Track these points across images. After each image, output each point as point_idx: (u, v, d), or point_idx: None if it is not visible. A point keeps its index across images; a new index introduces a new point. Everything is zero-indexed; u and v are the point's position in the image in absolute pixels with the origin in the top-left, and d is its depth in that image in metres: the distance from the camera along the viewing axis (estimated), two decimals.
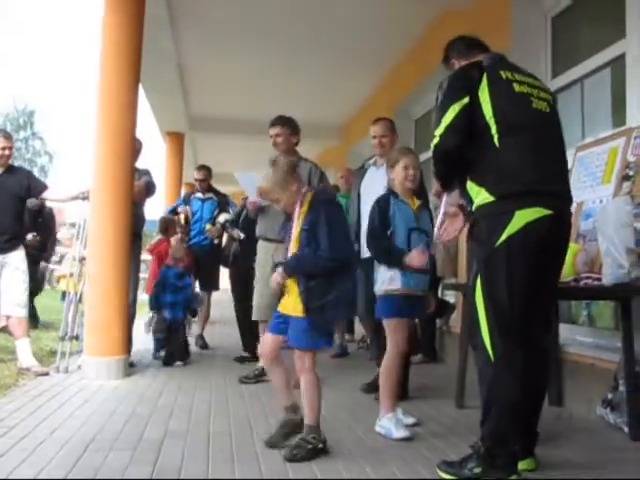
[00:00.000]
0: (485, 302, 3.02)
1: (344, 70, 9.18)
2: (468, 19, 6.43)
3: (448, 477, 3.01)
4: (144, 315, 8.39)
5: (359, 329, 8.14)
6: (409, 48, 8.19)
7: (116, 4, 5.62)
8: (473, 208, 3.12)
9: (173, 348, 6.24)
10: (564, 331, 4.75)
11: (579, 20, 5.42)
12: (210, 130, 12.43)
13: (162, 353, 6.43)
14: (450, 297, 7.06)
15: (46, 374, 5.42)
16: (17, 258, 5.66)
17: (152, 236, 8.30)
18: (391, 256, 3.93)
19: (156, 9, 6.42)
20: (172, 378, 5.50)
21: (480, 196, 3.06)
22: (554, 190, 3.06)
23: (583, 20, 5.45)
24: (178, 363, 6.12)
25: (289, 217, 3.69)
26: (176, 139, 12.78)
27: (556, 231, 3.05)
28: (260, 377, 5.39)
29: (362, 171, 5.31)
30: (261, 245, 5.57)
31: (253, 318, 5.56)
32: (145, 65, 6.00)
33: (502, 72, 3.12)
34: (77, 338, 5.80)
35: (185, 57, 8.77)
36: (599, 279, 3.88)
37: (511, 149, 3.01)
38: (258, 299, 5.49)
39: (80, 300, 5.90)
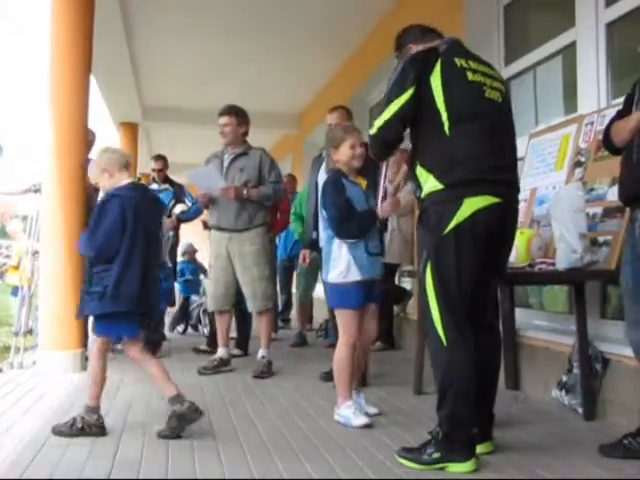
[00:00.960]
0: (435, 288, 3.07)
1: (299, 58, 9.14)
2: (421, 8, 6.44)
3: (407, 463, 3.04)
4: None
5: (318, 317, 8.18)
6: (364, 37, 8.18)
7: None
8: (422, 195, 3.15)
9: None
10: (520, 315, 4.82)
11: (531, 8, 5.50)
12: (164, 120, 12.28)
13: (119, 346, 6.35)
14: (407, 284, 7.11)
15: None
16: None
17: None
18: (367, 222, 3.85)
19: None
20: (130, 371, 5.42)
21: (429, 183, 3.09)
22: (503, 179, 3.12)
23: (535, 8, 5.52)
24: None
25: None
26: (130, 129, 12.60)
27: (504, 219, 3.12)
28: (219, 367, 5.39)
29: (320, 160, 5.29)
30: (214, 235, 5.56)
31: (209, 309, 5.60)
32: (97, 56, 5.91)
33: (457, 59, 3.13)
34: (31, 332, 5.72)
35: (137, 46, 8.65)
36: (553, 264, 3.95)
37: (461, 137, 3.04)
38: (213, 289, 5.53)
39: (33, 295, 5.80)
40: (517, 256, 4.11)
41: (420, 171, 3.15)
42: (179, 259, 8.27)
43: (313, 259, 5.56)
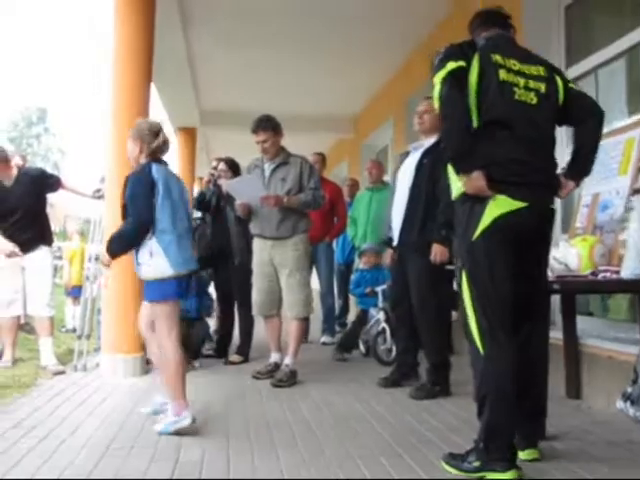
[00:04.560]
0: (471, 295, 3.05)
1: (355, 62, 9.12)
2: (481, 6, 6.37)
3: (449, 469, 3.05)
4: None
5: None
6: (420, 40, 8.11)
7: (127, 1, 5.61)
8: (452, 199, 3.16)
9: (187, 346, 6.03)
10: (581, 323, 4.72)
11: (593, 9, 5.37)
12: (221, 124, 12.37)
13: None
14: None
15: (62, 373, 5.46)
16: (38, 258, 5.74)
17: None
18: None
19: (167, 5, 6.38)
20: (188, 376, 5.49)
21: (457, 184, 3.08)
22: (533, 182, 3.05)
23: (597, 9, 5.39)
24: (195, 364, 5.89)
25: None
26: (188, 134, 12.77)
27: (532, 222, 3.07)
28: (273, 372, 5.38)
29: (405, 154, 5.17)
30: (257, 243, 5.55)
31: (256, 314, 5.64)
32: (156, 61, 5.99)
33: (493, 55, 3.06)
34: (89, 337, 5.86)
35: (196, 52, 8.74)
36: (617, 272, 3.86)
37: (486, 140, 2.99)
38: (257, 296, 5.53)
39: (96, 298, 5.93)
40: (579, 263, 4.03)
41: (451, 174, 3.15)
42: None
43: None
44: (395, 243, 4.96)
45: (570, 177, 3.24)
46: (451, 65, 2.98)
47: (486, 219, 2.96)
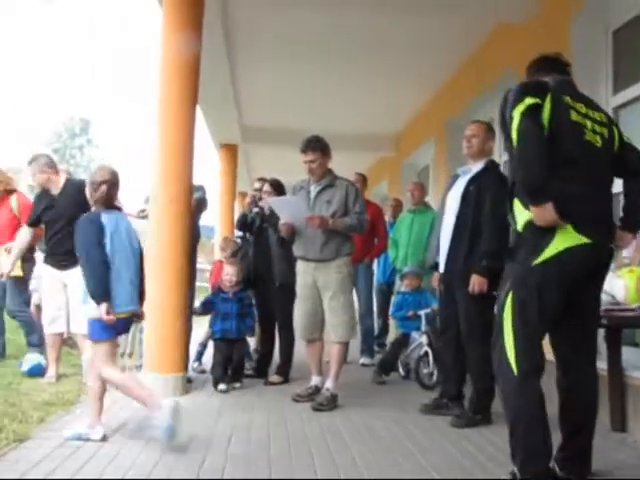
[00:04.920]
0: (513, 317, 3.09)
1: (398, 82, 9.13)
2: (525, 33, 6.34)
3: None
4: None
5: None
6: (463, 61, 8.11)
7: (175, 24, 5.69)
8: (517, 227, 3.18)
9: (228, 367, 6.00)
10: (627, 354, 4.64)
11: None
12: (263, 141, 12.49)
13: (198, 364, 6.75)
14: None
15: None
16: (79, 275, 5.70)
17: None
18: None
19: (212, 25, 6.45)
20: (228, 397, 5.55)
21: (524, 217, 3.10)
22: (595, 220, 3.11)
23: None
24: (236, 385, 5.92)
25: None
26: (230, 150, 12.88)
27: (592, 259, 3.13)
28: (313, 395, 5.37)
29: (454, 177, 5.16)
30: (300, 265, 5.55)
31: (300, 337, 5.64)
32: (200, 80, 6.02)
33: (564, 97, 3.16)
34: (131, 355, 5.93)
35: (239, 71, 8.82)
36: None
37: (559, 177, 3.02)
38: (300, 319, 5.53)
39: None
40: (626, 295, 3.99)
41: (517, 205, 3.18)
42: None
43: None
44: (442, 269, 4.96)
45: (627, 229, 3.32)
46: (529, 101, 3.02)
47: (551, 250, 3.02)
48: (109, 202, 4.24)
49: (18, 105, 67.02)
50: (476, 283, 4.62)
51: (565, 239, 3.00)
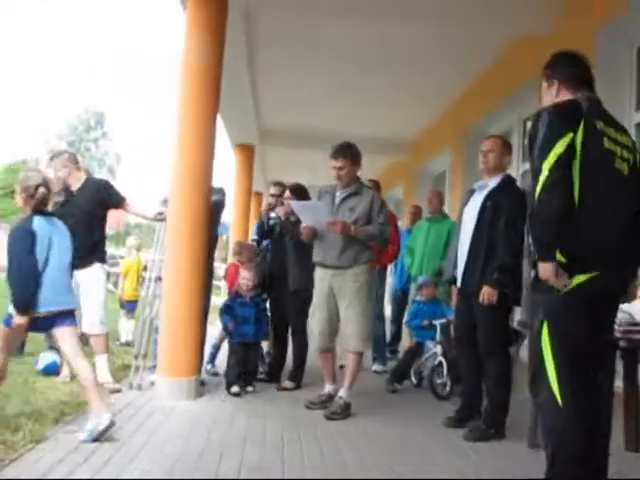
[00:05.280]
0: (552, 348, 3.05)
1: (415, 88, 9.16)
2: (547, 46, 6.29)
3: None
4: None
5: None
6: (483, 70, 8.10)
7: (198, 27, 5.69)
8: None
9: (243, 370, 6.02)
10: None
11: None
12: (279, 143, 12.55)
13: (211, 366, 6.76)
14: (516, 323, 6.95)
15: (119, 391, 5.53)
16: (90, 275, 5.71)
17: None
18: None
19: (234, 27, 6.44)
20: (241, 402, 5.56)
21: None
22: (620, 253, 3.08)
23: None
24: (249, 389, 5.95)
25: None
26: (246, 151, 12.90)
27: (615, 288, 3.15)
28: (326, 403, 5.38)
29: (470, 191, 5.19)
30: (318, 272, 5.52)
31: (315, 349, 5.57)
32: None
33: (597, 121, 3.06)
34: (145, 356, 5.94)
35: (259, 71, 8.84)
36: None
37: (589, 209, 2.99)
38: (316, 327, 5.49)
39: (155, 317, 5.99)
40: None
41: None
42: None
43: None
44: (459, 283, 4.98)
45: None
46: (560, 147, 2.93)
47: (578, 279, 3.00)
48: (44, 206, 4.30)
49: (32, 100, 67.34)
50: (486, 294, 4.68)
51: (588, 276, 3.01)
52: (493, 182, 4.92)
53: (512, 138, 7.94)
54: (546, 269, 3.00)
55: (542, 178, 2.94)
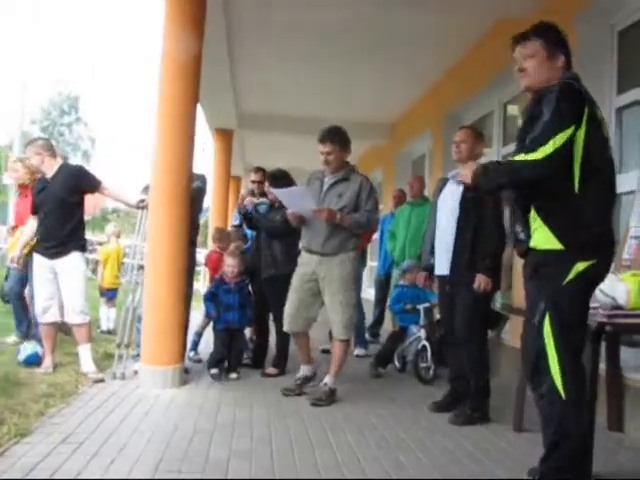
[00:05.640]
0: (556, 339, 3.04)
1: (394, 72, 9.11)
2: (525, 27, 6.29)
3: None
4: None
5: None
6: (462, 54, 8.09)
7: (177, 17, 5.63)
8: (531, 245, 3.16)
9: (228, 357, 6.07)
10: (625, 355, 4.68)
11: None
12: (258, 127, 12.44)
13: (194, 353, 6.75)
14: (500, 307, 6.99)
15: (102, 381, 5.50)
16: (68, 264, 5.65)
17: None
18: None
19: (214, 11, 6.37)
20: (226, 389, 5.55)
21: (546, 240, 3.07)
22: (613, 240, 3.15)
23: None
24: (233, 376, 5.95)
25: None
26: (225, 136, 12.82)
27: (605, 274, 3.22)
28: (302, 386, 5.41)
29: (443, 181, 5.20)
30: (304, 256, 5.46)
31: (285, 329, 5.49)
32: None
33: (597, 110, 3.07)
34: (128, 346, 5.90)
35: (237, 56, 8.75)
36: None
37: (589, 197, 3.02)
38: (290, 309, 5.41)
39: (137, 306, 5.95)
40: (628, 299, 3.98)
41: (535, 219, 3.13)
42: None
43: None
44: (439, 272, 5.02)
45: None
46: (562, 138, 2.92)
47: (578, 267, 3.01)
48: None
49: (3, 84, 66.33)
50: (482, 282, 4.70)
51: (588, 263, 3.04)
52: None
53: (492, 121, 7.97)
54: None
55: (546, 149, 2.92)
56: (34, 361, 5.92)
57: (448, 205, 4.93)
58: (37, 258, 5.77)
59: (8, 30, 68.86)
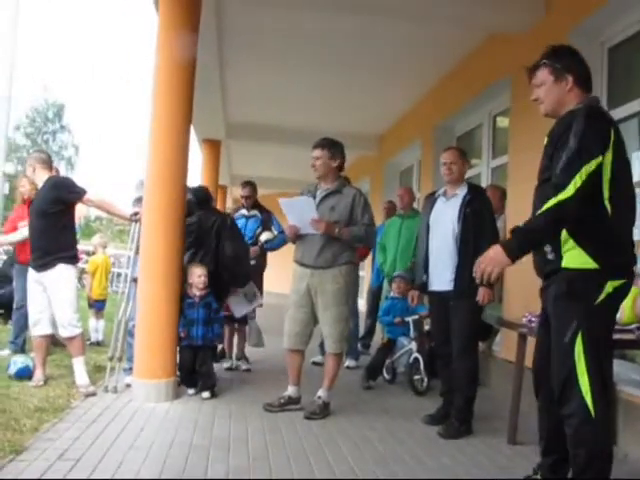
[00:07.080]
0: (587, 358, 3.04)
1: (383, 83, 9.18)
2: (518, 44, 6.37)
3: None
4: None
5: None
6: (452, 67, 8.16)
7: (171, 26, 5.63)
8: (562, 265, 3.13)
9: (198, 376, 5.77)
10: (618, 368, 4.72)
11: (637, 51, 5.37)
12: (246, 138, 12.48)
13: None
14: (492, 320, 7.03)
15: (94, 394, 5.47)
16: (54, 277, 5.60)
17: None
18: None
19: (205, 19, 6.31)
20: (220, 402, 5.53)
21: (580, 259, 3.07)
22: (637, 259, 3.25)
23: None
24: (205, 395, 5.62)
25: None
26: (212, 146, 12.83)
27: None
28: (285, 405, 5.31)
29: (432, 199, 5.23)
30: (296, 270, 5.41)
31: (285, 346, 5.42)
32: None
33: (619, 131, 3.11)
34: (120, 359, 5.86)
35: (227, 67, 8.77)
36: None
37: (619, 218, 3.08)
38: (288, 326, 5.38)
39: (129, 319, 5.92)
40: (621, 315, 4.02)
41: (567, 240, 3.11)
42: None
43: None
44: (436, 288, 5.07)
45: None
46: (590, 167, 2.94)
47: (609, 288, 3.04)
48: None
49: None
50: (485, 295, 4.81)
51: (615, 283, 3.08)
52: (462, 191, 5.04)
53: (482, 133, 8.03)
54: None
55: (577, 182, 2.93)
56: (25, 375, 5.88)
57: (444, 223, 5.00)
58: (30, 271, 5.77)
59: None
